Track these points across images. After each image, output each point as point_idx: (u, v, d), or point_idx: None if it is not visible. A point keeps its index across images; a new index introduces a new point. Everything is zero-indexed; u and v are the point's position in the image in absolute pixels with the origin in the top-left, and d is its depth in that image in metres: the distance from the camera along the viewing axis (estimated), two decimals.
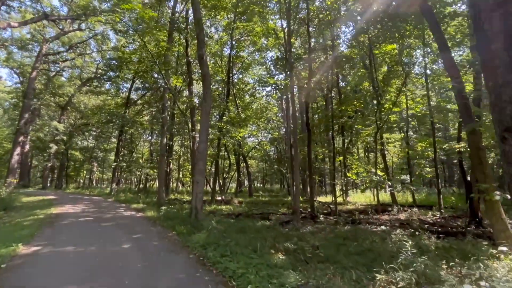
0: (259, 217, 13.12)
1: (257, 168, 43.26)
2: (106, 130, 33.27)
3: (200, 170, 8.98)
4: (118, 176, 35.06)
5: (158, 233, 7.71)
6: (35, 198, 18.80)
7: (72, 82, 36.23)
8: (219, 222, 9.15)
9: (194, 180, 9.01)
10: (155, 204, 15.88)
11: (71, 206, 13.85)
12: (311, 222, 12.06)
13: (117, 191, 25.40)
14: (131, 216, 10.88)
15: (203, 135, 9.17)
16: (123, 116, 25.46)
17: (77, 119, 37.86)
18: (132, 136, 36.69)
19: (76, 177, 44.46)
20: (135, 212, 12.15)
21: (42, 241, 6.50)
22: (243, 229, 8.78)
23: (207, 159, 11.01)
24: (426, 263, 4.74)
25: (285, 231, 9.67)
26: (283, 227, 10.92)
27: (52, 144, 31.90)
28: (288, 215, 13.57)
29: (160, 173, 16.76)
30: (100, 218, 10.10)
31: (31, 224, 8.56)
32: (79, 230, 7.90)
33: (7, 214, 11.72)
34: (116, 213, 11.63)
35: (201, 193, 8.95)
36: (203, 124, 9.27)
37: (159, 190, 16.45)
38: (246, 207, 16.96)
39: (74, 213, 11.38)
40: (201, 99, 19.09)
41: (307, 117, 13.25)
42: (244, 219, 12.11)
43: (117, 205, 15.39)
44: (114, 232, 7.63)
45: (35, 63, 23.32)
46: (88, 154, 39.82)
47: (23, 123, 21.62)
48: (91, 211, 11.96)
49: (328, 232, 9.11)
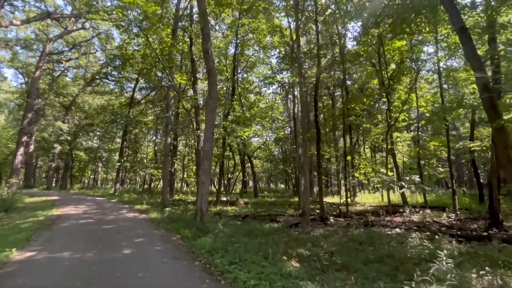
0: (266, 218, 12.68)
1: (262, 168, 42.77)
2: (110, 130, 33.05)
3: (205, 170, 8.54)
4: (122, 177, 34.82)
5: (161, 237, 7.28)
6: (38, 198, 18.54)
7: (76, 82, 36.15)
8: (225, 224, 8.72)
9: (199, 181, 8.58)
10: (159, 205, 15.50)
11: (73, 207, 13.51)
12: (321, 225, 11.57)
13: (121, 192, 25.11)
14: (134, 218, 10.48)
15: (209, 133, 8.74)
16: (127, 115, 25.17)
17: (82, 119, 37.73)
18: (137, 136, 36.45)
19: (80, 178, 44.36)
20: (138, 214, 11.76)
21: (37, 246, 6.11)
22: (251, 232, 8.35)
23: (212, 159, 10.61)
24: (456, 272, 4.25)
25: (295, 234, 9.22)
26: (293, 229, 10.46)
27: (56, 144, 31.76)
28: (296, 217, 13.10)
29: (164, 173, 16.38)
30: (101, 220, 9.71)
31: (29, 227, 8.19)
32: (78, 233, 7.51)
33: (8, 215, 11.40)
34: (118, 215, 11.25)
35: (206, 194, 8.51)
36: (209, 121, 8.84)
37: (163, 190, 16.07)
38: (252, 208, 16.52)
39: (75, 214, 11.02)
40: (205, 97, 18.72)
41: (316, 115, 12.75)
42: (251, 221, 11.67)
43: (120, 206, 15.03)
44: (114, 236, 7.22)
45: (39, 62, 23.11)
46: (92, 154, 39.68)
47: (27, 123, 21.40)
48: (93, 213, 11.60)
49: (341, 235, 8.63)
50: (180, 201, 19.54)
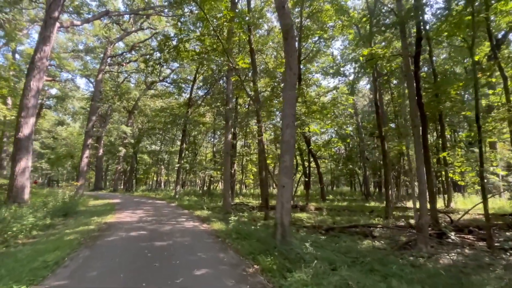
0: (354, 231, 9.75)
1: (325, 169, 39.18)
2: (170, 130, 32.94)
3: (286, 169, 6.04)
4: (182, 179, 34.60)
5: (231, 267, 4.96)
6: (101, 201, 18.16)
7: (138, 87, 37.14)
8: (312, 243, 6.13)
9: (279, 184, 6.10)
10: (220, 210, 13.58)
11: (130, 213, 12.21)
12: (439, 243, 8.27)
13: (181, 194, 24.23)
14: (194, 230, 8.46)
15: (289, 117, 6.23)
16: (185, 115, 24.28)
17: (144, 123, 38.62)
18: (195, 138, 36.03)
19: (145, 180, 45.85)
20: (199, 223, 9.79)
21: (61, 279, 4.23)
22: (354, 258, 5.68)
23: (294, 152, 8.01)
24: None
25: (417, 262, 6.27)
26: (403, 251, 7.44)
27: (121, 147, 32.65)
28: (395, 230, 9.90)
29: (225, 174, 14.44)
30: (155, 232, 7.85)
31: (72, 240, 6.59)
32: (122, 255, 5.58)
33: (65, 221, 10.39)
34: (176, 224, 9.39)
35: (288, 203, 6.01)
36: (288, 100, 6.33)
37: (224, 194, 14.11)
38: (327, 216, 13.66)
39: (129, 223, 9.45)
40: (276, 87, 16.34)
41: (419, 93, 9.38)
42: (338, 235, 8.90)
43: (179, 211, 13.41)
44: (166, 262, 5.11)
45: (101, 65, 23.37)
46: (155, 158, 40.50)
47: (91, 126, 21.52)
48: (148, 221, 9.95)
49: (503, 272, 5.41)
50: (243, 205, 17.51)
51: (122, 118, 40.21)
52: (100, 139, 35.18)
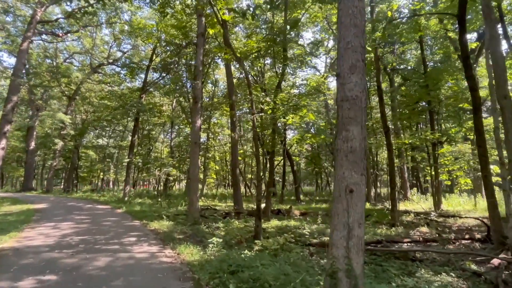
0: (387, 251, 6.89)
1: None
2: (120, 121, 27.98)
3: (354, 154, 2.95)
4: (134, 177, 29.71)
5: None
6: (19, 207, 13.52)
7: (82, 70, 31.34)
8: None
9: (338, 186, 2.95)
10: (186, 218, 10.05)
11: (51, 227, 8.19)
12: None
13: (132, 196, 19.91)
14: (150, 268, 4.88)
15: (355, 51, 3.14)
16: (138, 101, 20.02)
17: (89, 112, 32.73)
18: (150, 132, 31.32)
19: (90, 179, 39.60)
20: (158, 248, 6.23)
21: None
22: None
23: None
24: None
25: None
26: None
27: (57, 140, 26.86)
28: (441, 243, 7.31)
29: (192, 170, 10.87)
30: (77, 276, 4.23)
31: None
32: None
33: None
34: (119, 251, 5.77)
35: (361, 226, 2.89)
36: (352, 18, 3.24)
37: (191, 197, 10.52)
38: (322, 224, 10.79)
39: (37, 249, 5.62)
40: None
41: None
42: (375, 261, 6.04)
43: (128, 223, 9.61)
44: None
45: (27, 31, 17.99)
46: (102, 153, 34.82)
47: (10, 108, 16.40)
48: (72, 244, 6.16)
49: None
50: (211, 210, 14.06)
51: (63, 107, 33.79)
52: (32, 130, 28.89)
